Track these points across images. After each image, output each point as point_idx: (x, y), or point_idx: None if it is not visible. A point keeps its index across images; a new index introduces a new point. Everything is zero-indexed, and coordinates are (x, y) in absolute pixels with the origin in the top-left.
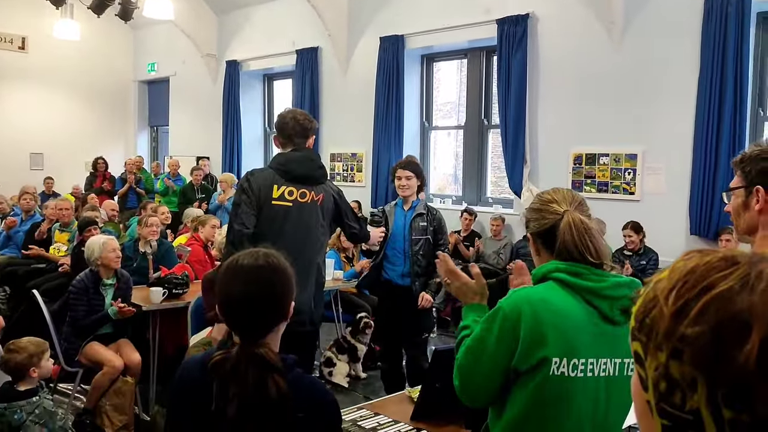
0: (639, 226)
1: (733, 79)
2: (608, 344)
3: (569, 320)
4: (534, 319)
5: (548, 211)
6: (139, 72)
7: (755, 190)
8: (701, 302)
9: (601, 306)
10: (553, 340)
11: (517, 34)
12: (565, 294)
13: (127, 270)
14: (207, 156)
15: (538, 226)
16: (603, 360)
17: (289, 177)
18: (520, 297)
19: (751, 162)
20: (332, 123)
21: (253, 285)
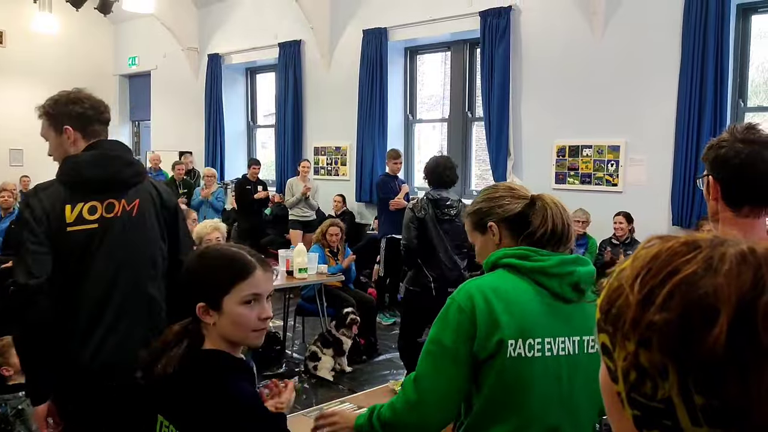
0: (629, 216)
1: (714, 71)
2: (563, 322)
3: (521, 303)
4: (487, 305)
5: (513, 196)
6: (119, 66)
7: (709, 178)
8: (666, 288)
9: (551, 284)
10: (507, 323)
11: (500, 27)
12: (514, 278)
13: None
14: (190, 151)
15: (506, 212)
16: (560, 339)
17: (84, 188)
18: (471, 287)
19: (711, 151)
20: (316, 116)
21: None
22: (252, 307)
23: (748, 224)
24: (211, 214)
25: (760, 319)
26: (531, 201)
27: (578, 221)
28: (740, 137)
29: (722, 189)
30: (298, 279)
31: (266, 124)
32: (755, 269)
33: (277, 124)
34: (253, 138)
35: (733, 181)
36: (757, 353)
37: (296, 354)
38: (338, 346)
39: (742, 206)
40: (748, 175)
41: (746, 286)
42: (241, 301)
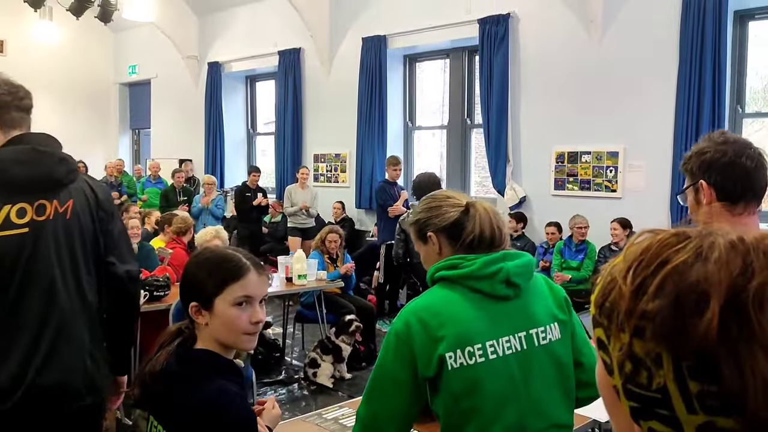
0: (627, 222)
1: (712, 77)
2: (505, 321)
3: (453, 314)
4: (422, 327)
5: (449, 204)
6: (119, 74)
7: (700, 184)
8: (659, 277)
9: (482, 287)
10: (443, 337)
11: (499, 34)
12: (447, 291)
13: None
14: (190, 159)
15: (443, 221)
16: (504, 339)
17: (10, 188)
18: (405, 312)
19: (692, 159)
20: (315, 124)
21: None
22: (244, 309)
23: (744, 222)
24: (210, 221)
25: (751, 304)
26: (465, 208)
27: (580, 227)
28: (720, 140)
29: (717, 190)
30: (297, 285)
31: (266, 131)
32: (744, 255)
33: (276, 131)
34: (252, 145)
35: (728, 179)
36: (749, 338)
37: (296, 361)
38: (338, 353)
39: (738, 203)
40: (741, 170)
41: (736, 272)
42: (233, 303)
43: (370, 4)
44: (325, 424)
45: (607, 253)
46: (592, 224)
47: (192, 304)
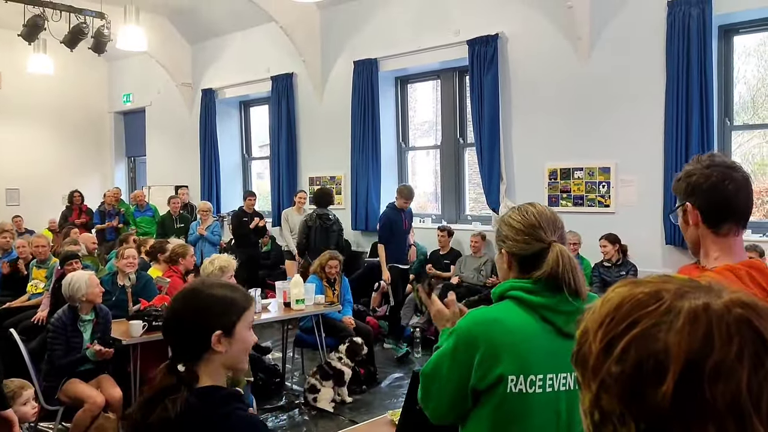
0: (614, 237)
1: (699, 91)
2: (566, 358)
3: (524, 338)
4: (488, 339)
5: (533, 236)
6: (114, 103)
7: (686, 206)
8: (625, 340)
9: (557, 321)
10: (509, 358)
11: (488, 54)
12: (520, 311)
13: (106, 304)
14: (186, 185)
15: (520, 250)
16: (562, 374)
17: None
18: (474, 318)
19: (681, 181)
20: (310, 147)
21: (172, 306)
22: (252, 332)
23: (729, 242)
24: (208, 248)
25: (706, 379)
26: (547, 246)
27: (570, 243)
28: (706, 164)
29: (702, 213)
30: (296, 310)
31: (261, 155)
32: (706, 328)
33: (271, 155)
34: (248, 170)
35: (711, 201)
36: (701, 411)
37: (296, 386)
38: (339, 377)
39: (722, 225)
40: (722, 195)
41: (695, 345)
42: (248, 326)
43: (359, 28)
44: None
45: (600, 269)
46: (586, 240)
47: (217, 333)
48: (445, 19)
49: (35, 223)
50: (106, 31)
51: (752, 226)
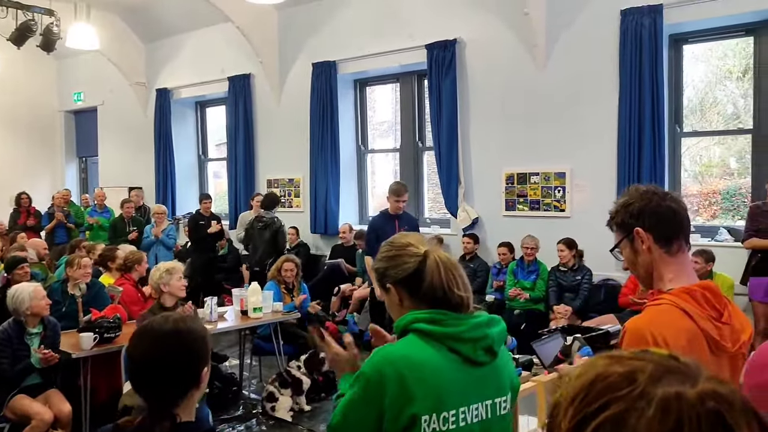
0: (572, 242)
1: (650, 98)
2: (476, 388)
3: (433, 373)
4: (398, 379)
5: (407, 254)
6: (65, 102)
7: (635, 232)
8: (595, 422)
9: (463, 349)
10: (421, 397)
11: (446, 59)
12: (425, 345)
13: (56, 315)
14: (140, 186)
15: (401, 272)
16: (474, 406)
17: None
18: (381, 358)
19: (620, 213)
20: (268, 149)
21: (156, 349)
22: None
23: (681, 262)
24: (162, 252)
25: None
26: (423, 257)
27: (527, 248)
28: (640, 192)
29: (653, 233)
30: (253, 319)
31: (218, 157)
32: (677, 419)
33: (228, 157)
34: (204, 171)
35: (661, 219)
36: None
37: (253, 394)
38: (297, 386)
39: (673, 243)
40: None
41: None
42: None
43: (318, 30)
44: None
45: (557, 273)
46: (543, 244)
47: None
48: (404, 23)
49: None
50: (56, 28)
51: (700, 230)
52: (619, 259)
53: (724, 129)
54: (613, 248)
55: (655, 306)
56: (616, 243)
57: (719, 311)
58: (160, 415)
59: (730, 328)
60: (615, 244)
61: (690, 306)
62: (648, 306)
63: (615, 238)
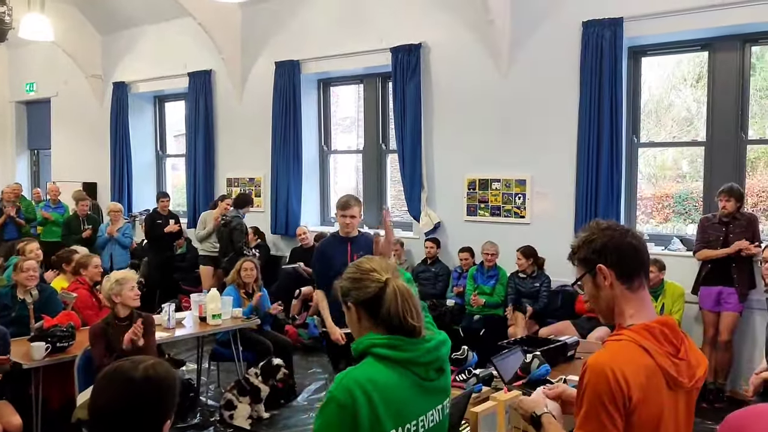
0: (530, 251)
1: (609, 109)
2: (428, 399)
3: (395, 393)
4: (367, 401)
5: (370, 279)
6: (16, 92)
7: (597, 269)
8: None
9: (418, 371)
10: (386, 415)
11: (411, 63)
12: (384, 368)
13: (5, 321)
14: (94, 182)
15: (362, 295)
16: (429, 413)
17: None
18: (349, 382)
19: (582, 248)
20: (228, 147)
21: (123, 398)
22: None
23: (640, 298)
24: (118, 251)
25: None
26: (384, 284)
27: (487, 254)
28: (602, 227)
29: (616, 269)
30: (212, 326)
31: (176, 152)
32: None
33: (188, 154)
34: (162, 168)
35: (623, 256)
36: None
37: (211, 401)
38: (256, 394)
39: (634, 280)
40: (631, 247)
41: None
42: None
43: (282, 29)
44: None
45: (516, 279)
46: (502, 249)
47: (168, 423)
48: (369, 25)
49: None
50: (8, 18)
51: (653, 239)
52: (580, 292)
53: (679, 134)
54: (574, 283)
55: (615, 341)
56: (578, 278)
57: (676, 347)
58: None
59: (686, 364)
60: (576, 279)
61: (649, 343)
62: (608, 342)
63: (576, 273)
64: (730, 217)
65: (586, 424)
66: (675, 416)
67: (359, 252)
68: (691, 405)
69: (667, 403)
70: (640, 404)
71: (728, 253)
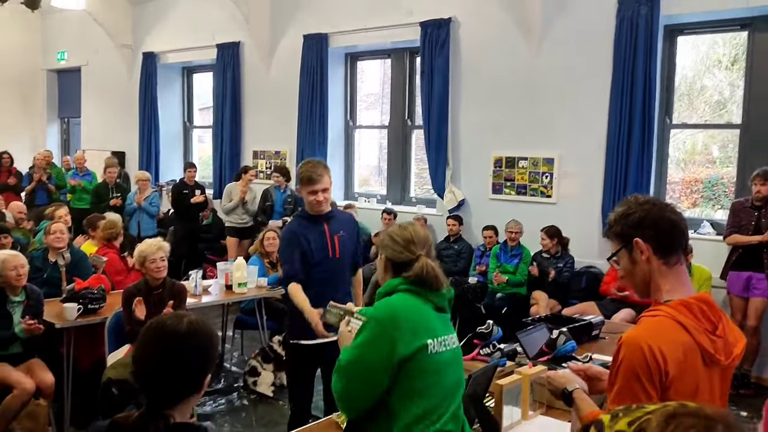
0: (554, 231)
1: (642, 88)
2: (444, 326)
3: (424, 313)
4: (404, 317)
5: (407, 249)
6: (48, 60)
7: (634, 242)
8: None
9: (437, 301)
10: (421, 327)
11: (440, 37)
12: (412, 297)
13: (37, 282)
14: (123, 151)
15: (394, 257)
16: (449, 336)
17: None
18: (387, 304)
19: (619, 222)
20: (255, 120)
21: (166, 350)
22: None
23: (678, 273)
24: (145, 219)
25: None
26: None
27: (512, 232)
28: (641, 201)
29: (654, 244)
30: (238, 294)
31: (203, 124)
32: None
33: (214, 125)
34: (189, 139)
35: (661, 230)
36: None
37: (235, 367)
38: (279, 361)
39: (672, 255)
40: (670, 222)
41: None
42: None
43: (311, 1)
44: None
45: (538, 258)
46: (527, 229)
47: (209, 377)
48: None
49: None
50: None
51: None
52: (616, 267)
53: (711, 117)
54: (610, 257)
55: (651, 317)
56: (613, 252)
57: (714, 324)
58: (155, 415)
59: (723, 341)
60: (612, 253)
61: (686, 319)
62: (644, 317)
63: (612, 248)
64: (763, 202)
65: (621, 399)
66: (710, 393)
67: (340, 232)
68: (727, 382)
69: (702, 380)
70: (675, 380)
71: (760, 240)
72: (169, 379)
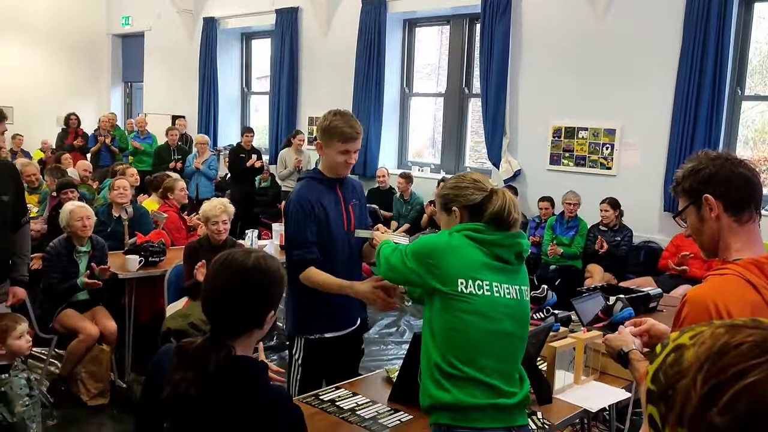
0: (616, 202)
1: (714, 58)
2: (506, 275)
3: (472, 258)
4: (455, 249)
5: (477, 188)
6: (113, 25)
7: (704, 199)
8: (732, 390)
9: (500, 252)
10: (455, 265)
11: (502, 3)
12: (467, 242)
13: (101, 235)
14: (183, 115)
15: (469, 201)
16: (505, 285)
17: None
18: (437, 237)
19: (688, 178)
20: (311, 85)
21: (233, 282)
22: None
23: (749, 231)
24: (204, 182)
25: None
26: (489, 194)
27: (570, 203)
28: (712, 156)
29: (724, 200)
30: None
31: (261, 90)
32: None
33: (271, 91)
34: (247, 104)
35: (732, 186)
36: None
37: None
38: None
39: (744, 212)
40: (742, 177)
41: None
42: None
43: None
44: (322, 406)
45: (596, 231)
46: (585, 201)
47: (273, 314)
48: None
49: (27, 144)
50: None
51: None
52: (682, 225)
53: None
54: (677, 214)
55: (718, 276)
56: (681, 209)
57: None
58: (218, 344)
59: None
60: (680, 210)
61: (756, 278)
62: (710, 276)
63: (680, 204)
64: None
65: None
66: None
67: (353, 201)
68: None
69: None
70: None
71: None
72: (232, 309)
